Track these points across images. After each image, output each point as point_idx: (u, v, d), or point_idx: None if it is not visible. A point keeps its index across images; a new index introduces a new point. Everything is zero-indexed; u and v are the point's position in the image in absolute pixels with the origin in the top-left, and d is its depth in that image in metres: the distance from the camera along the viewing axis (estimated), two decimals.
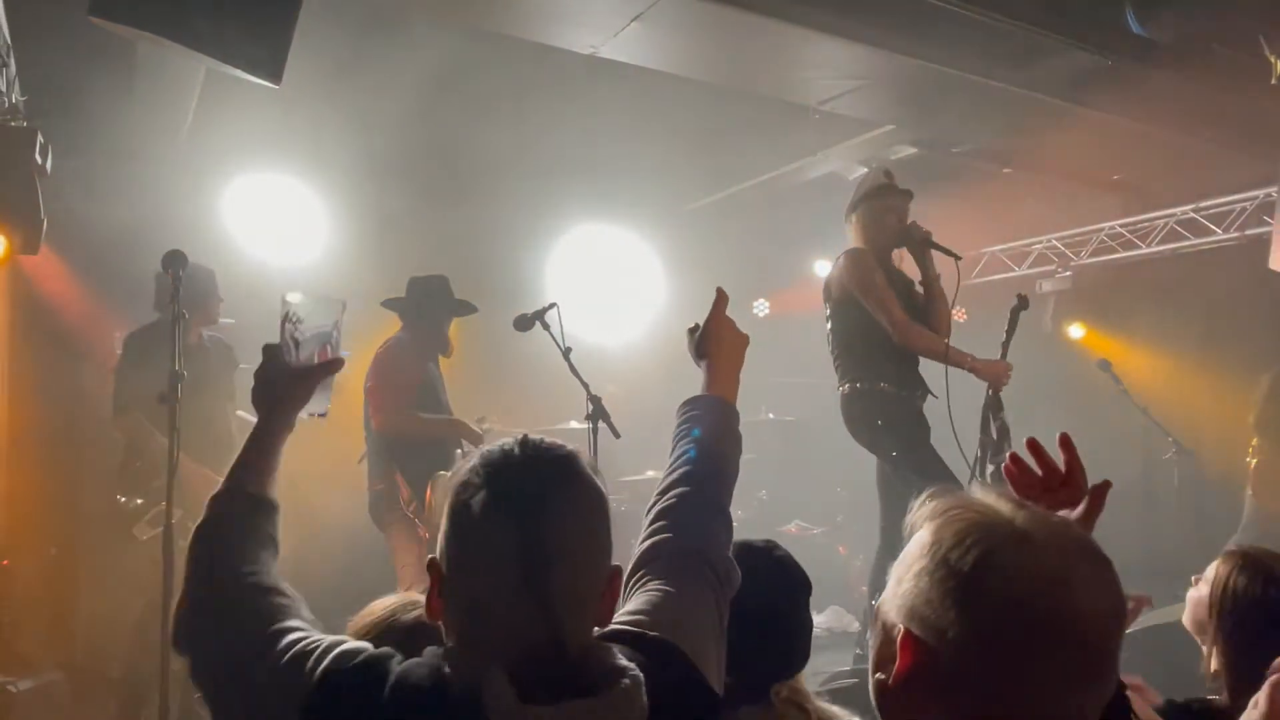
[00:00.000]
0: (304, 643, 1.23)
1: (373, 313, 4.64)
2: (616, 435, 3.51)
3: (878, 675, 1.01)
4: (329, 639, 1.25)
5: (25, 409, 5.00)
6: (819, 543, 6.76)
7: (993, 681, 0.91)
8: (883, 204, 4.29)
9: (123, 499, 3.85)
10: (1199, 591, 2.06)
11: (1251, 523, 5.52)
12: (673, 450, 1.62)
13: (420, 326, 4.42)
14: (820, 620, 6.15)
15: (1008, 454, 1.55)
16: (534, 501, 1.16)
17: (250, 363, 1.80)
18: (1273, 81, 4.65)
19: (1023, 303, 3.99)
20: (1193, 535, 5.94)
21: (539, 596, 1.13)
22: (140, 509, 3.87)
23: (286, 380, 1.58)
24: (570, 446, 1.26)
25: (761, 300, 7.92)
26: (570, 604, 1.17)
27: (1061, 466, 1.49)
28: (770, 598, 1.74)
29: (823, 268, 7.64)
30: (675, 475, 1.55)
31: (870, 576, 4.45)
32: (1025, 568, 0.91)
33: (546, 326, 3.69)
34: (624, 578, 1.34)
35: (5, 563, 4.70)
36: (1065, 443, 1.52)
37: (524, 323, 3.73)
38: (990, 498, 1.02)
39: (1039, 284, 7.36)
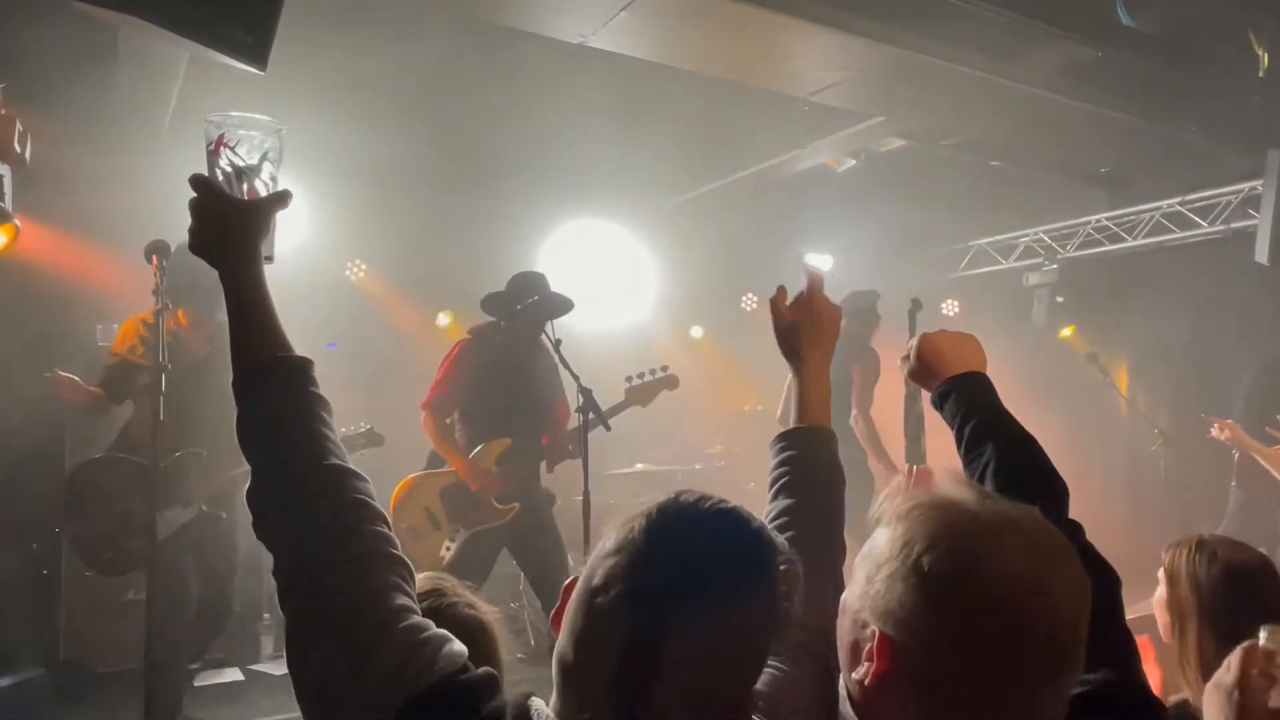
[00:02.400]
0: (413, 632, 1.04)
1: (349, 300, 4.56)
2: (607, 428, 3.48)
3: (852, 675, 1.01)
4: (434, 634, 1.06)
5: (8, 402, 4.93)
6: None
7: (970, 680, 0.93)
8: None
9: (178, 453, 3.67)
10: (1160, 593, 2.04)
11: (1235, 513, 5.57)
12: (781, 493, 1.43)
13: (491, 326, 4.34)
14: None
15: (923, 443, 1.56)
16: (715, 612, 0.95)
17: None
18: (1260, 75, 4.67)
19: (916, 305, 4.11)
20: (1178, 527, 5.98)
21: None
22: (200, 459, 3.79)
23: (235, 215, 1.29)
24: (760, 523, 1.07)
25: (750, 294, 7.91)
26: None
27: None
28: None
29: (812, 259, 7.65)
30: (789, 537, 1.31)
31: None
32: (999, 571, 0.93)
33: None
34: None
35: None
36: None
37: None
38: (955, 490, 1.02)
39: (1026, 276, 7.38)
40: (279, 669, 4.96)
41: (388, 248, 6.29)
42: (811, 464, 1.45)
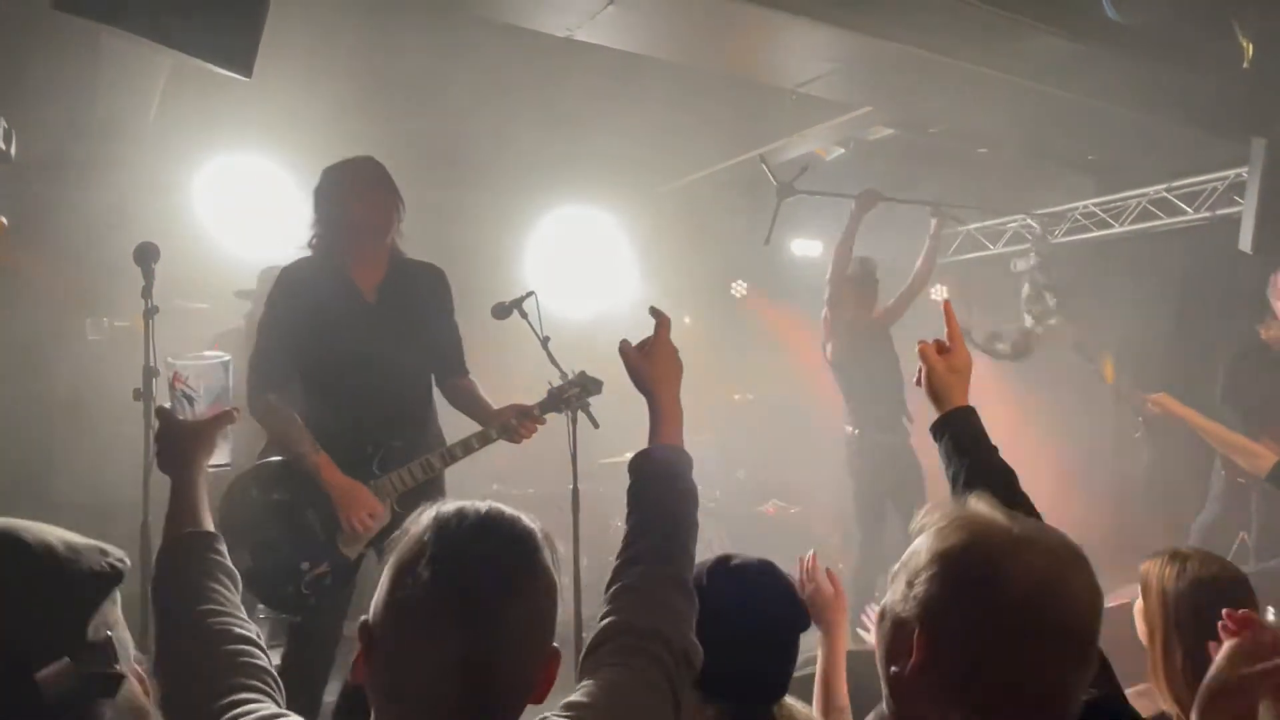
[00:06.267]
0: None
1: None
2: (595, 425, 3.50)
3: (892, 668, 1.16)
4: (268, 712, 1.26)
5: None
6: (796, 521, 6.84)
7: (999, 671, 1.07)
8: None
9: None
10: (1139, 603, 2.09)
11: (1218, 496, 5.63)
12: (628, 514, 1.58)
13: None
14: None
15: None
16: (483, 598, 1.11)
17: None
18: (1245, 65, 4.69)
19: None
20: (1161, 512, 6.06)
21: (473, 690, 1.10)
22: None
23: (188, 436, 1.67)
24: (531, 523, 1.22)
25: (740, 281, 7.94)
26: (505, 697, 1.15)
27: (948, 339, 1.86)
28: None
29: (800, 247, 7.68)
30: (631, 551, 1.51)
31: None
32: (1026, 574, 1.08)
33: (525, 315, 3.66)
34: (569, 657, 1.30)
35: None
36: (948, 310, 1.91)
37: (502, 311, 3.70)
38: (987, 509, 1.18)
39: (1013, 262, 7.41)
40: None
41: None
42: (658, 481, 1.60)
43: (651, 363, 1.78)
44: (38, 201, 4.86)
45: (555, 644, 1.21)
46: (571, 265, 7.18)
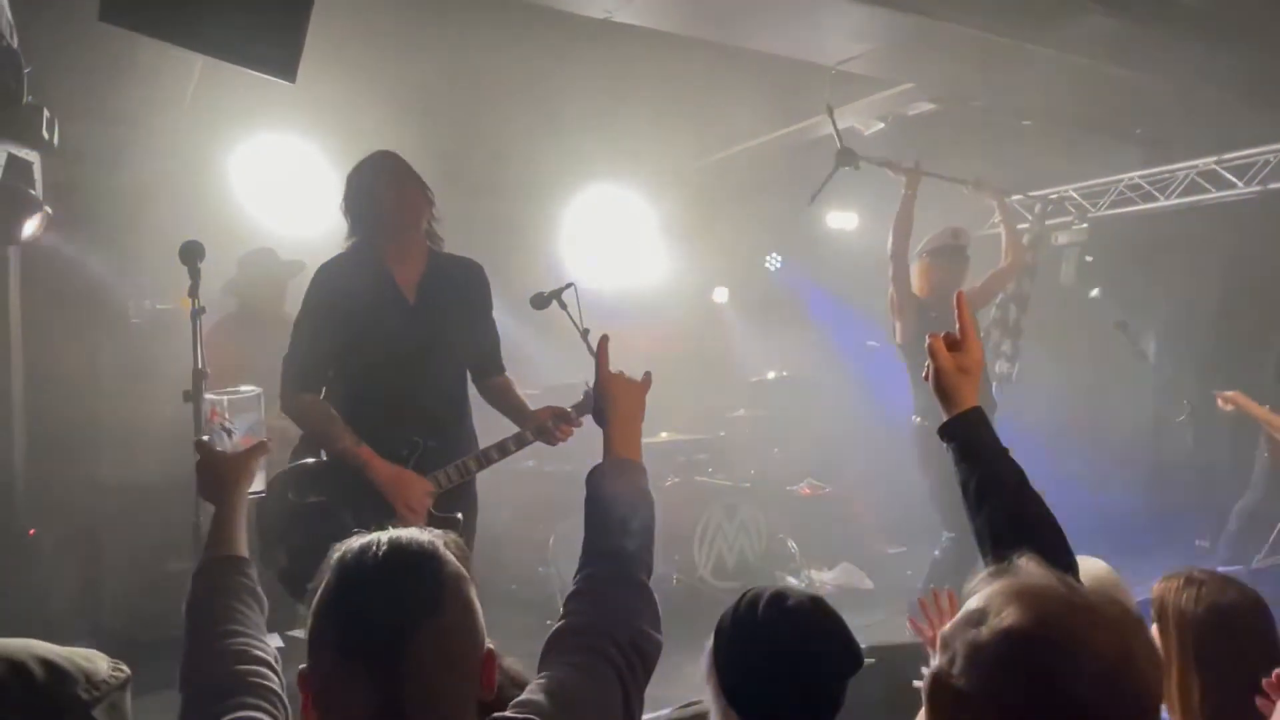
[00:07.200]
0: None
1: None
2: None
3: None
4: None
5: (40, 380, 5.03)
6: (831, 500, 6.83)
7: None
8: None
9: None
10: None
11: (1258, 482, 5.55)
12: (585, 528, 1.66)
13: None
14: (830, 578, 6.25)
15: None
16: (386, 647, 1.15)
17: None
18: None
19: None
20: (1201, 497, 5.98)
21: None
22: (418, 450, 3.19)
23: (230, 468, 1.79)
24: (429, 542, 1.24)
25: (774, 254, 7.87)
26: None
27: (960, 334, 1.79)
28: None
29: (835, 219, 7.57)
30: (585, 556, 1.60)
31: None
32: (1099, 655, 1.06)
33: (564, 306, 3.63)
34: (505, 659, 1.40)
35: (31, 533, 4.78)
36: (960, 301, 1.84)
37: (541, 301, 3.66)
38: (1042, 575, 1.16)
39: (1056, 235, 7.27)
40: None
41: None
42: (607, 493, 1.67)
43: (597, 396, 1.85)
44: (77, 185, 4.89)
45: (488, 644, 1.26)
46: (605, 240, 7.14)
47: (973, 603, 1.15)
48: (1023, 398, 5.95)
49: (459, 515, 3.15)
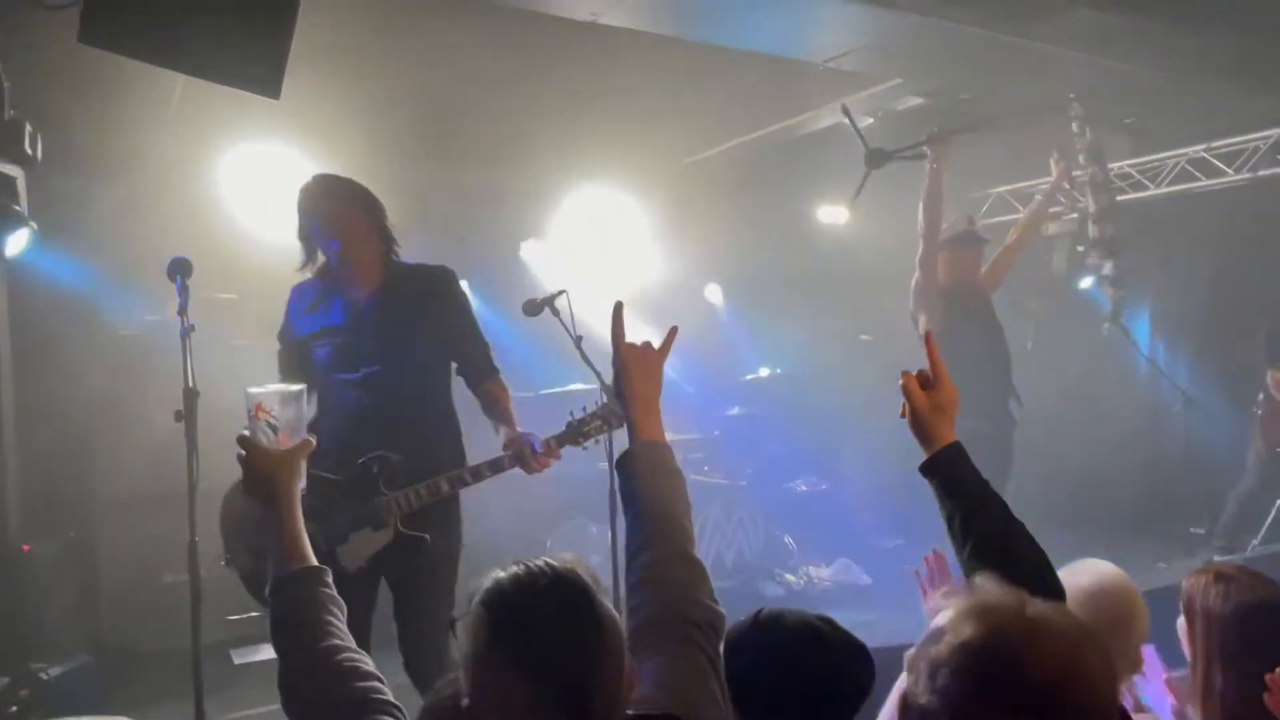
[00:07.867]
0: None
1: None
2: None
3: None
4: None
5: (32, 395, 5.01)
6: (828, 496, 6.83)
7: None
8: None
9: (361, 460, 3.09)
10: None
11: (1252, 470, 5.58)
12: (625, 510, 1.71)
13: None
14: (828, 574, 6.26)
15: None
16: (548, 658, 1.21)
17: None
18: None
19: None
20: (1198, 485, 6.00)
21: None
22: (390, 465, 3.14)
23: (281, 466, 1.66)
24: (569, 568, 1.27)
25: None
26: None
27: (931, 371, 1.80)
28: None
29: (826, 213, 7.55)
30: (636, 544, 1.62)
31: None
32: (1047, 662, 1.09)
33: (556, 313, 3.60)
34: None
35: (26, 549, 4.76)
36: (928, 341, 1.86)
37: (533, 308, 3.63)
38: (997, 592, 1.20)
39: (1046, 225, 7.27)
40: None
41: (399, 222, 6.25)
42: (644, 473, 1.69)
43: (615, 368, 1.82)
44: (61, 197, 4.85)
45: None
46: (595, 239, 7.11)
47: (935, 622, 1.19)
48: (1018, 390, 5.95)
49: (425, 536, 3.09)
